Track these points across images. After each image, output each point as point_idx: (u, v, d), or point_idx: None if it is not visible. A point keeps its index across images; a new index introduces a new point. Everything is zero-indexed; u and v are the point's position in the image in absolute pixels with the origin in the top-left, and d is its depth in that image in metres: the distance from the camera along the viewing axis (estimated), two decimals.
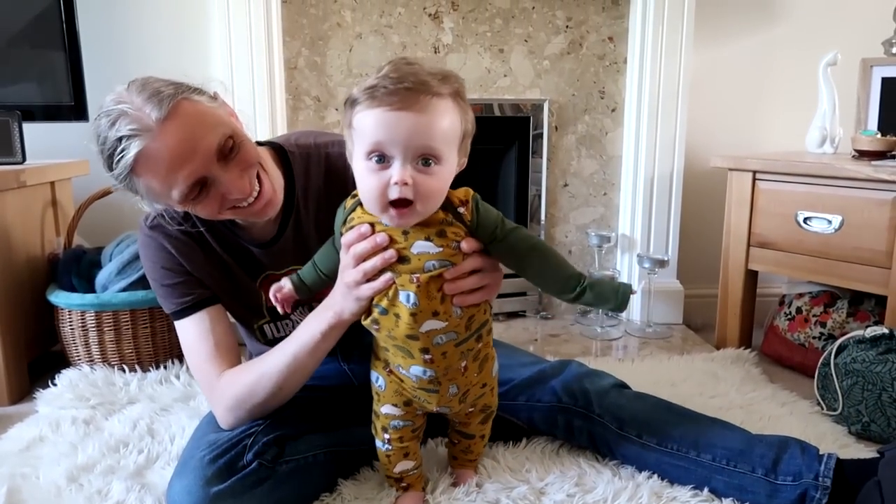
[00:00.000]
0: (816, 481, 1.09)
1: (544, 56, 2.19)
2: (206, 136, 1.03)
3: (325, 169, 1.22)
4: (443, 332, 0.98)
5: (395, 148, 0.88)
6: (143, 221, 1.21)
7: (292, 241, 1.21)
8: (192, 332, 1.20)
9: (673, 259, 2.23)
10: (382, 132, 0.88)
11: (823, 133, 1.96)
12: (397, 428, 1.13)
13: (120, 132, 1.01)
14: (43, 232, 1.90)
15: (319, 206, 1.22)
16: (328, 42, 2.10)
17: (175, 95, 1.02)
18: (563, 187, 2.29)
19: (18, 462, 1.34)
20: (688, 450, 1.19)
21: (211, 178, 1.04)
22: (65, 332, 1.79)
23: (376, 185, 0.90)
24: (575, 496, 1.18)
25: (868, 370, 1.45)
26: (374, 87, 0.88)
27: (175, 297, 1.19)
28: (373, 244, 0.96)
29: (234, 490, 1.06)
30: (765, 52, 2.30)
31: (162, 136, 1.00)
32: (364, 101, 0.89)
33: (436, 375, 1.03)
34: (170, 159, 1.01)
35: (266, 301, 1.24)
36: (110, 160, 1.04)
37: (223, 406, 1.16)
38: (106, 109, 1.04)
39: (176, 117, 1.01)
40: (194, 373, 1.22)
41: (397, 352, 1.04)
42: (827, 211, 1.72)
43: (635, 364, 1.84)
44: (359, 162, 0.92)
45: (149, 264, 1.22)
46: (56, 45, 1.92)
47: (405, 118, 0.88)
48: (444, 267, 0.95)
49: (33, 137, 1.94)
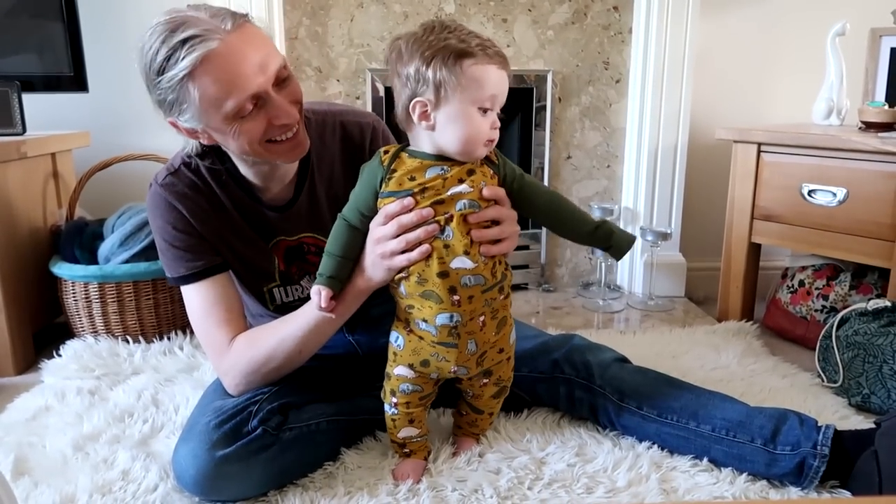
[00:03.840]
0: (814, 450, 1.10)
1: (548, 26, 2.16)
2: (272, 56, 1.06)
3: (341, 137, 1.25)
4: (471, 272, 1.04)
5: (498, 100, 1.03)
6: (155, 179, 1.20)
7: (306, 205, 1.23)
8: (202, 299, 1.19)
9: (676, 232, 2.23)
10: (497, 87, 1.02)
11: (830, 104, 1.94)
12: (405, 392, 1.15)
13: (185, 34, 0.99)
14: (45, 204, 1.90)
15: (333, 175, 1.24)
16: (329, 12, 2.07)
17: (244, 15, 1.05)
18: (567, 159, 2.27)
19: (25, 431, 1.36)
20: (687, 420, 1.20)
21: (266, 97, 1.05)
22: (68, 304, 1.79)
23: (480, 127, 1.02)
24: (575, 466, 1.19)
25: (869, 343, 1.46)
26: (482, 44, 1.00)
27: (185, 260, 1.18)
28: (419, 216, 1.02)
29: (238, 455, 1.08)
30: (772, 22, 2.27)
31: (234, 42, 1.01)
32: (480, 56, 1.00)
33: (461, 320, 1.06)
34: (237, 66, 1.01)
35: (279, 264, 1.25)
36: (164, 63, 1.01)
37: (238, 370, 1.17)
38: (164, 19, 1.02)
39: (245, 32, 1.03)
40: (202, 339, 1.21)
41: (424, 302, 1.07)
42: (832, 183, 1.71)
43: (637, 336, 1.85)
44: (465, 107, 1.01)
45: (159, 223, 1.19)
46: (55, 16, 1.90)
47: (505, 77, 1.03)
48: (473, 209, 1.04)
49: (33, 109, 1.93)
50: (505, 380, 1.20)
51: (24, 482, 1.17)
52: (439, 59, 0.99)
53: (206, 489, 1.08)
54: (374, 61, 2.12)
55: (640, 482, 1.15)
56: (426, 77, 1.00)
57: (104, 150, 1.99)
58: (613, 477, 1.16)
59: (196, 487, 1.08)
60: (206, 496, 1.09)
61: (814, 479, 1.11)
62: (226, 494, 1.09)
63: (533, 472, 1.17)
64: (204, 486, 1.08)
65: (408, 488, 1.12)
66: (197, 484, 1.08)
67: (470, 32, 1.01)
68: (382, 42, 2.11)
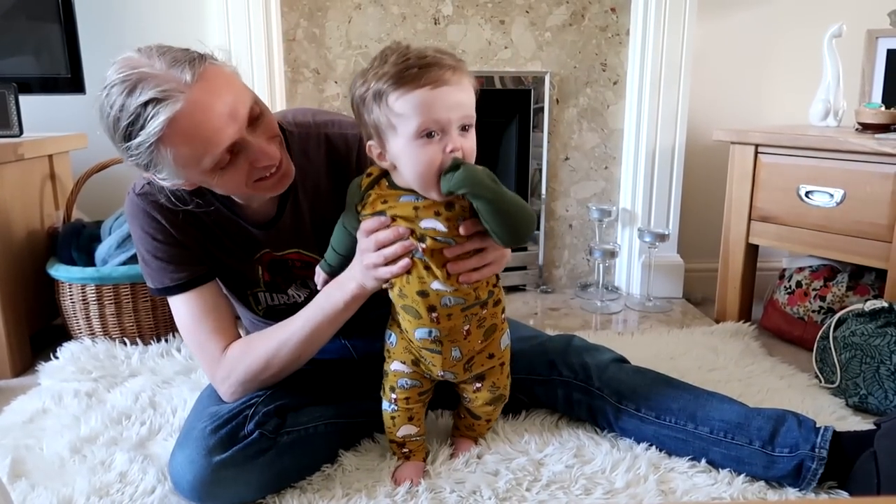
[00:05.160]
0: (813, 452, 1.10)
1: (546, 27, 2.16)
2: (241, 98, 1.00)
3: (326, 151, 1.19)
4: (451, 294, 1.03)
5: (443, 121, 0.94)
6: (132, 189, 1.16)
7: (290, 222, 1.19)
8: (191, 310, 1.17)
9: (674, 233, 2.23)
10: (433, 109, 0.93)
11: (827, 106, 1.95)
12: (405, 388, 1.15)
13: (145, 96, 0.94)
14: (42, 205, 1.89)
15: (318, 189, 1.20)
16: (327, 13, 2.07)
17: (202, 59, 0.98)
18: (564, 161, 2.28)
19: (22, 434, 1.36)
20: (686, 422, 1.20)
21: (243, 144, 1.01)
22: (65, 306, 1.79)
23: (430, 158, 0.95)
24: (574, 467, 1.19)
25: (867, 343, 1.46)
26: (400, 72, 0.93)
27: (169, 272, 1.15)
28: (395, 234, 1.01)
29: (235, 459, 1.07)
30: (769, 24, 2.27)
31: (196, 100, 0.95)
32: (397, 88, 0.93)
33: (439, 336, 1.06)
34: (206, 123, 0.96)
35: (263, 275, 1.23)
36: (130, 129, 0.96)
37: (234, 379, 1.16)
38: (120, 76, 0.96)
39: (207, 80, 0.96)
40: (194, 350, 1.20)
41: (405, 314, 1.07)
42: (829, 185, 1.71)
43: (635, 338, 1.85)
44: (406, 142, 0.95)
45: (139, 233, 1.15)
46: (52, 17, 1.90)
47: (447, 93, 0.94)
48: (448, 243, 1.01)
49: (30, 110, 1.93)
50: (500, 387, 1.18)
51: (21, 485, 1.16)
52: (369, 99, 0.96)
53: (204, 495, 1.07)
54: None
55: (639, 483, 1.15)
56: (365, 122, 0.99)
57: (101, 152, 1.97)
58: (612, 478, 1.17)
59: (193, 493, 1.08)
60: (203, 502, 1.08)
61: (812, 482, 1.11)
62: (223, 500, 1.09)
63: (531, 473, 1.17)
64: (201, 492, 1.07)
65: (406, 490, 1.12)
66: (194, 490, 1.07)
67: (405, 55, 0.95)
68: (380, 44, 2.11)
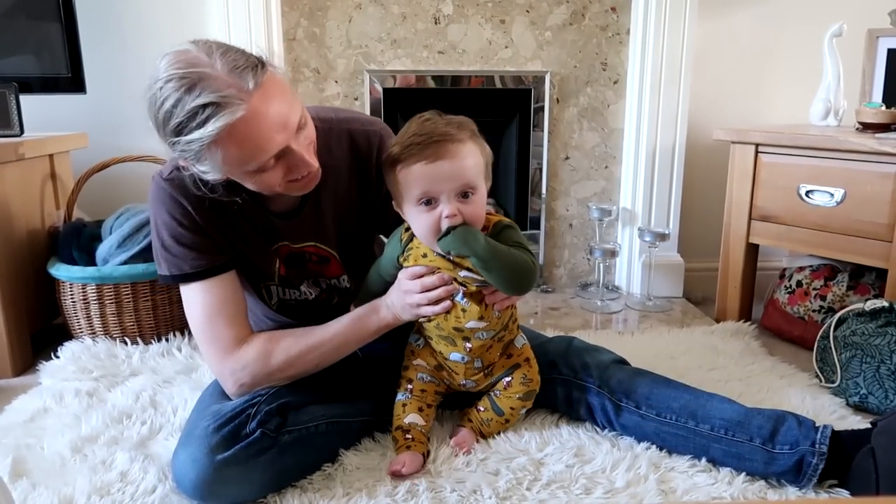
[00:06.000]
0: (813, 448, 1.11)
1: (546, 27, 2.16)
2: (293, 108, 1.04)
3: (349, 147, 1.24)
4: (483, 329, 1.18)
5: (439, 191, 1.08)
6: (159, 174, 1.17)
7: (310, 214, 1.23)
8: (207, 299, 1.17)
9: (674, 232, 2.23)
10: (426, 182, 1.07)
11: (827, 105, 1.95)
12: (423, 381, 1.26)
13: (204, 98, 0.95)
14: (42, 205, 1.90)
15: (339, 184, 1.24)
16: (327, 13, 2.07)
17: (262, 66, 1.01)
18: (565, 160, 2.28)
19: (23, 433, 1.36)
20: (686, 420, 1.20)
21: (288, 151, 1.05)
22: (66, 305, 1.79)
23: (429, 222, 1.09)
24: (574, 466, 1.19)
25: (867, 343, 1.46)
26: (408, 146, 1.07)
27: (190, 259, 1.16)
28: (440, 280, 1.14)
29: (237, 458, 1.08)
30: (769, 23, 2.27)
31: (255, 109, 0.98)
32: (404, 160, 1.08)
33: (471, 358, 1.21)
34: (261, 132, 1.00)
35: (280, 268, 1.25)
36: (182, 126, 0.98)
37: (248, 371, 1.17)
38: (178, 72, 0.96)
39: (265, 90, 1.00)
40: (205, 338, 1.19)
41: (440, 341, 1.22)
42: (829, 184, 1.71)
43: (635, 337, 1.85)
44: (410, 207, 1.11)
45: (165, 218, 1.16)
46: (52, 17, 1.90)
47: (441, 166, 1.07)
48: (484, 285, 1.14)
49: (31, 110, 1.93)
50: (532, 379, 1.26)
51: (22, 484, 1.16)
52: (387, 166, 1.12)
53: (206, 494, 1.07)
54: (373, 62, 2.12)
55: (639, 483, 1.15)
56: (388, 183, 1.14)
57: (102, 151, 1.98)
58: (612, 477, 1.17)
59: (196, 492, 1.08)
60: (205, 501, 1.08)
61: (812, 478, 1.11)
62: (225, 499, 1.09)
63: (531, 472, 1.17)
64: (203, 491, 1.07)
65: (406, 489, 1.12)
66: (196, 488, 1.07)
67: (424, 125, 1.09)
68: (380, 43, 2.11)
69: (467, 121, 1.13)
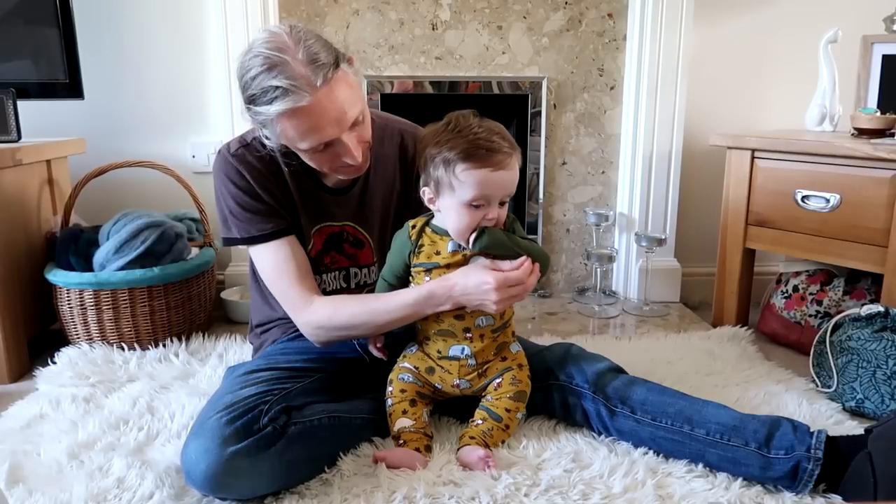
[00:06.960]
0: (808, 453, 1.11)
1: (543, 33, 2.17)
2: (351, 109, 1.17)
3: (399, 147, 1.39)
4: (483, 315, 1.23)
5: (493, 197, 1.17)
6: (226, 149, 1.31)
7: (357, 196, 1.37)
8: (274, 258, 1.29)
9: (671, 237, 2.24)
10: (486, 187, 1.16)
11: (823, 111, 1.95)
12: (404, 381, 1.28)
13: (276, 81, 1.10)
14: (40, 210, 1.89)
15: (385, 178, 1.38)
16: (325, 18, 2.08)
17: (336, 66, 1.14)
18: (562, 166, 2.28)
19: (20, 439, 1.35)
20: (682, 424, 1.21)
21: (338, 142, 1.18)
22: (63, 311, 1.79)
23: (470, 222, 1.18)
24: (572, 472, 1.19)
25: (863, 348, 1.46)
26: (470, 149, 1.14)
27: (256, 222, 1.28)
28: (525, 274, 1.19)
29: (249, 450, 1.09)
30: (765, 29, 2.28)
31: (318, 102, 1.12)
32: (465, 161, 1.14)
33: (471, 353, 1.25)
34: (318, 122, 1.14)
35: (315, 245, 1.36)
36: (255, 97, 1.14)
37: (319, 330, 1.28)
38: (266, 51, 1.11)
39: (332, 87, 1.13)
40: (277, 295, 1.32)
41: (438, 338, 1.26)
42: (825, 189, 1.72)
43: (632, 342, 1.85)
44: (456, 204, 1.17)
45: (231, 188, 1.28)
46: (50, 22, 1.90)
47: (502, 176, 1.16)
48: None
49: (28, 115, 1.93)
50: (521, 380, 1.28)
51: (18, 490, 1.16)
52: (438, 161, 1.17)
53: (216, 485, 1.08)
54: (370, 68, 2.13)
55: (636, 488, 1.15)
56: (429, 172, 1.19)
57: (99, 156, 1.99)
58: (609, 483, 1.17)
59: (206, 483, 1.08)
60: (215, 492, 1.09)
61: (808, 483, 1.11)
62: (235, 491, 1.10)
63: (529, 478, 1.17)
64: (214, 483, 1.08)
65: (404, 495, 1.12)
66: (207, 479, 1.08)
67: (480, 130, 1.15)
68: (378, 49, 2.11)
69: (507, 132, 1.21)
